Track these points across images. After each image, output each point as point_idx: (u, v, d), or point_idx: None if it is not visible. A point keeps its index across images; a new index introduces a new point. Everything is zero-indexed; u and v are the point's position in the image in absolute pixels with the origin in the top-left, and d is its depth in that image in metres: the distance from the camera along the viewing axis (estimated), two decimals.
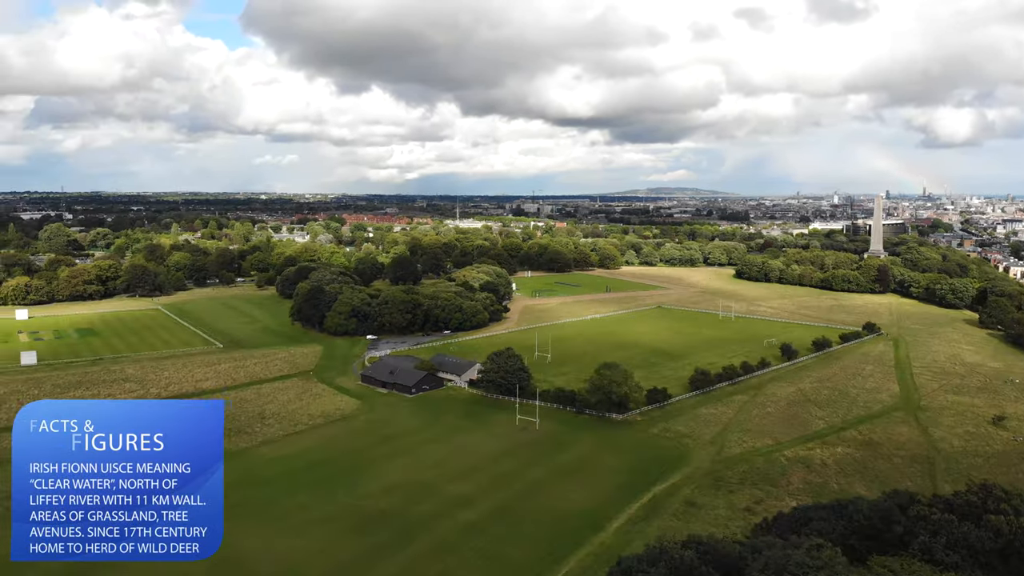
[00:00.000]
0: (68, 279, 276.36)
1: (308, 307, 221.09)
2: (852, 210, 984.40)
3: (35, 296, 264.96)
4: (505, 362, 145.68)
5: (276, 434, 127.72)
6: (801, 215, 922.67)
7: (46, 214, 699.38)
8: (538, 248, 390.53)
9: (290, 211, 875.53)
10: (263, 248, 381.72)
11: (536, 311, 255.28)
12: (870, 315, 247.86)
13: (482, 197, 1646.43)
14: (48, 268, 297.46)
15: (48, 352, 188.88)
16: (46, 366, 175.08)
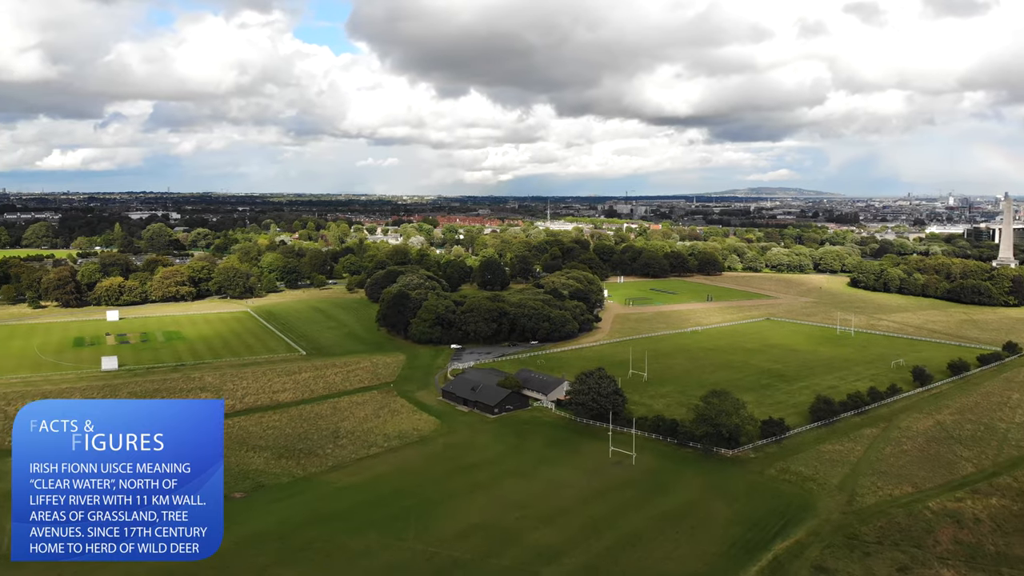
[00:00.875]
0: (161, 280, 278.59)
1: (393, 313, 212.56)
2: (971, 213, 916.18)
3: (128, 297, 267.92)
4: (597, 383, 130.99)
5: (348, 457, 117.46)
6: (914, 218, 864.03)
7: (152, 214, 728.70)
8: (632, 252, 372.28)
9: (387, 213, 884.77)
10: (356, 250, 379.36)
11: (630, 321, 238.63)
12: (1007, 332, 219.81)
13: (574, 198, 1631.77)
14: (145, 268, 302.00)
15: (131, 357, 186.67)
16: (126, 372, 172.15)
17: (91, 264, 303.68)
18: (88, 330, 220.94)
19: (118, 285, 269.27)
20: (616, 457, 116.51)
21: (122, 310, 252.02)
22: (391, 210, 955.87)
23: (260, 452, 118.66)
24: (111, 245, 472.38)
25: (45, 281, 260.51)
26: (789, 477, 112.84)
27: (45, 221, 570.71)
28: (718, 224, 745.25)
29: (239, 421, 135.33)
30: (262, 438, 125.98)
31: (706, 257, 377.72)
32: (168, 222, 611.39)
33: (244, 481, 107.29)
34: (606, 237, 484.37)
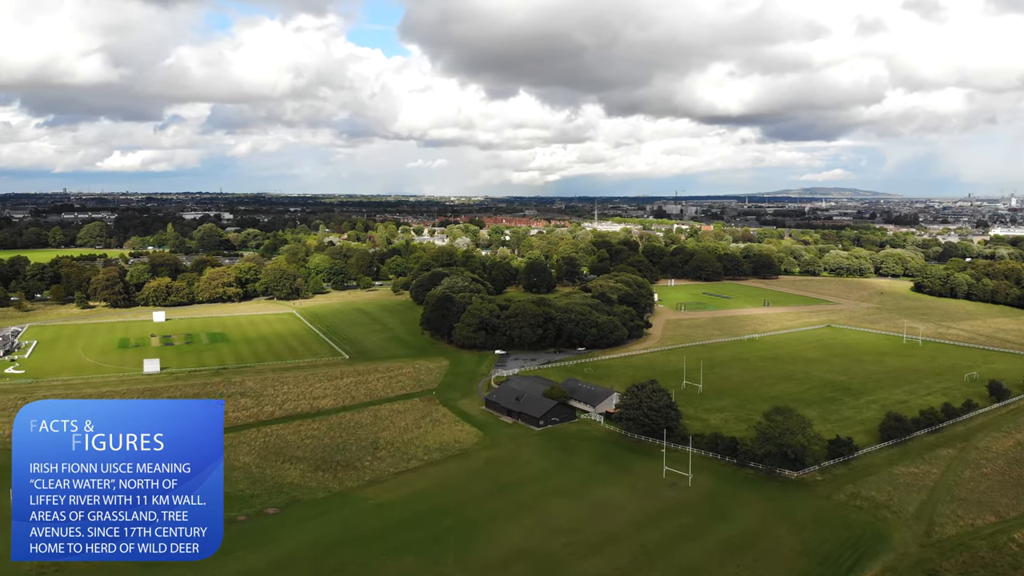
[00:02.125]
0: (208, 281, 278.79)
1: (437, 317, 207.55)
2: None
3: (175, 298, 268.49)
4: (649, 397, 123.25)
5: (386, 471, 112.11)
6: (976, 219, 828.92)
7: (205, 214, 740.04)
8: (683, 254, 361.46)
9: (434, 213, 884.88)
10: (402, 251, 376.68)
11: (682, 328, 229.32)
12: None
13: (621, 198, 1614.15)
14: (193, 269, 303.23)
15: (174, 359, 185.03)
16: (168, 375, 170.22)
17: (140, 264, 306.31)
18: (134, 331, 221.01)
19: (166, 286, 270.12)
20: (670, 478, 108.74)
21: (169, 311, 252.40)
22: (438, 211, 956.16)
23: (296, 464, 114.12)
24: (163, 245, 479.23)
25: (94, 281, 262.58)
26: (860, 503, 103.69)
27: (100, 221, 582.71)
28: (772, 225, 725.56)
29: (277, 429, 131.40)
30: (299, 448, 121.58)
31: (761, 260, 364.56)
32: (220, 222, 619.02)
33: (278, 495, 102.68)
34: (655, 238, 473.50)
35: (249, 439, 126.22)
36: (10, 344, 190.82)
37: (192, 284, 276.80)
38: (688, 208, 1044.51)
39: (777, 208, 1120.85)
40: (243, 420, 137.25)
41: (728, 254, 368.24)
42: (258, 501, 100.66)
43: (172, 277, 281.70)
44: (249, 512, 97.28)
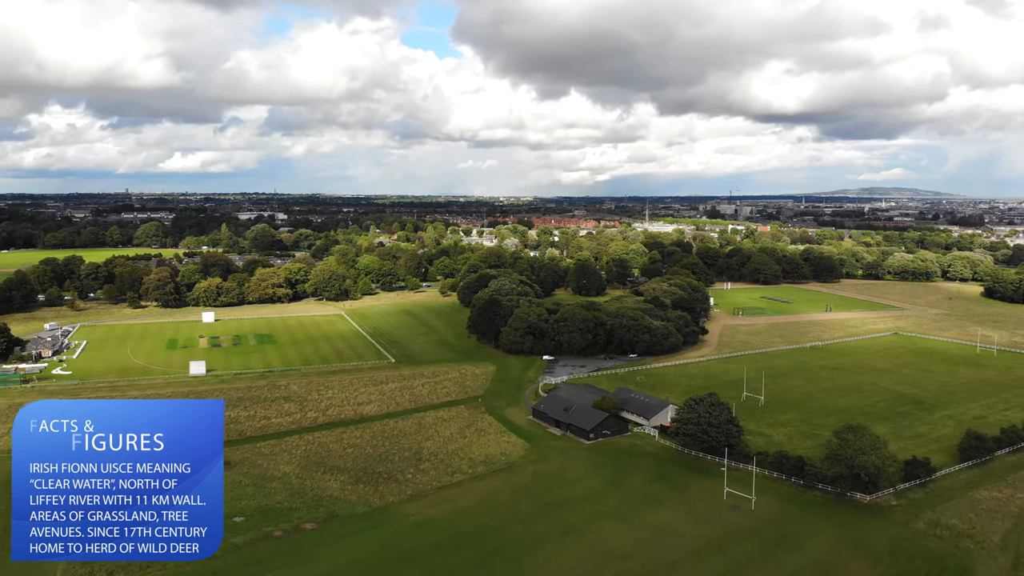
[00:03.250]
0: (258, 282, 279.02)
1: (483, 320, 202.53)
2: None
3: (225, 298, 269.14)
4: (708, 412, 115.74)
5: (429, 484, 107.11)
6: None
7: (259, 214, 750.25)
8: (740, 256, 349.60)
9: (483, 214, 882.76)
10: (450, 252, 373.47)
11: (740, 334, 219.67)
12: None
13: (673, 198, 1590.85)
14: (244, 269, 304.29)
15: (220, 361, 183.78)
16: (213, 377, 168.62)
17: (192, 264, 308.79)
18: (183, 332, 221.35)
19: (216, 286, 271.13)
20: (732, 500, 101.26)
21: (219, 311, 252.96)
22: (487, 211, 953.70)
23: (337, 475, 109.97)
24: (217, 245, 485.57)
25: (146, 282, 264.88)
26: (940, 532, 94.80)
27: (157, 221, 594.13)
28: (830, 226, 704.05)
29: (319, 437, 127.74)
30: (341, 457, 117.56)
31: (822, 262, 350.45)
32: (273, 223, 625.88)
33: (317, 509, 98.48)
34: (709, 239, 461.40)
35: (291, 447, 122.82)
36: (59, 344, 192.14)
37: (242, 285, 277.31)
38: (742, 208, 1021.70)
39: (835, 208, 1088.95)
40: (286, 426, 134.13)
41: (787, 256, 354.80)
42: (296, 515, 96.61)
43: (223, 277, 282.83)
44: (286, 527, 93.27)
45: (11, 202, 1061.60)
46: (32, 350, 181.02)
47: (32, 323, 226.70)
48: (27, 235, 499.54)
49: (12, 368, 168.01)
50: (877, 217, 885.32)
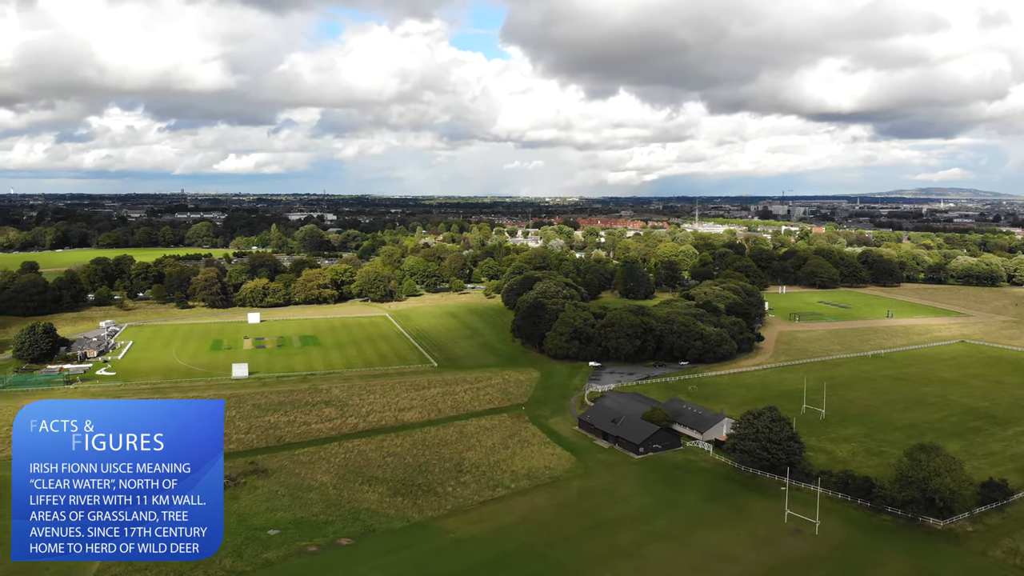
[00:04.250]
0: (304, 283, 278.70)
1: (528, 324, 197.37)
2: None
3: (272, 299, 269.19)
4: (768, 427, 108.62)
5: (470, 498, 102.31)
6: None
7: (309, 215, 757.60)
8: (795, 259, 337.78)
9: (529, 214, 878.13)
10: (495, 253, 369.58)
11: (798, 341, 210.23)
12: None
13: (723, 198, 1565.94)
14: (292, 270, 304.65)
15: (264, 363, 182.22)
16: (255, 380, 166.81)
17: (240, 265, 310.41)
18: (228, 333, 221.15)
19: (263, 287, 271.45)
20: (793, 523, 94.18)
21: (264, 312, 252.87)
22: (533, 212, 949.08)
23: (376, 486, 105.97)
24: (266, 245, 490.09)
25: (194, 282, 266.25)
26: (1020, 562, 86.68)
27: (208, 221, 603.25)
28: (887, 227, 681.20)
29: (359, 445, 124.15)
30: (380, 467, 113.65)
31: (881, 265, 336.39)
32: (322, 224, 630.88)
33: (354, 524, 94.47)
34: (762, 241, 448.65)
35: (330, 455, 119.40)
36: (105, 344, 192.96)
37: (289, 286, 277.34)
38: (795, 209, 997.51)
39: (891, 209, 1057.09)
40: (326, 433, 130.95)
41: (844, 259, 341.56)
42: (331, 529, 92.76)
43: (270, 278, 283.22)
44: (321, 542, 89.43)
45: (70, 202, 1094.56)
46: (77, 350, 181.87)
47: (81, 323, 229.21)
48: (82, 234, 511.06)
49: (56, 368, 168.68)
50: (936, 219, 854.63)
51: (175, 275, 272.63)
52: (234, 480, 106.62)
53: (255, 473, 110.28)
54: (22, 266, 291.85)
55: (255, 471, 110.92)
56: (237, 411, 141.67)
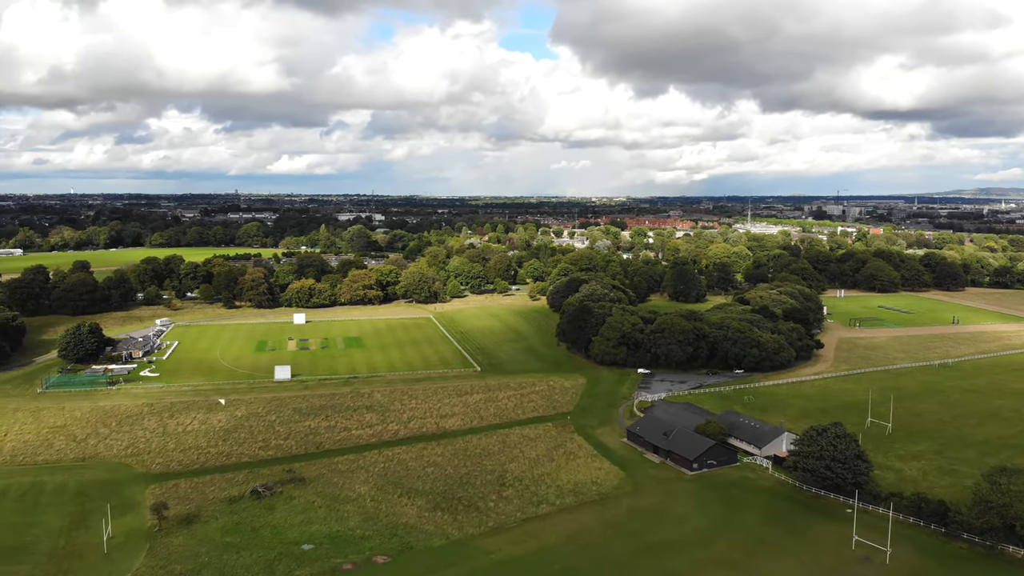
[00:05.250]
0: (350, 283, 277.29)
1: (573, 328, 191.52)
2: None
3: (318, 299, 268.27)
4: (832, 444, 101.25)
5: (512, 515, 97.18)
6: None
7: (357, 215, 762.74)
8: (853, 261, 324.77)
9: (575, 214, 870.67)
10: (540, 255, 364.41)
11: (858, 348, 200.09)
12: None
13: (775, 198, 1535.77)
14: (339, 271, 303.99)
15: (306, 365, 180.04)
16: (298, 383, 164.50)
17: (288, 265, 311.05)
18: (273, 333, 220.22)
19: (309, 287, 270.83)
20: (862, 550, 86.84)
21: (310, 312, 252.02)
22: (579, 212, 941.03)
23: (415, 499, 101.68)
24: (315, 245, 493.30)
25: (241, 282, 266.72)
26: None
27: (259, 221, 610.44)
28: (947, 228, 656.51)
29: (399, 453, 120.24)
30: (420, 478, 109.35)
31: (944, 268, 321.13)
32: (371, 224, 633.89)
33: (391, 540, 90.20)
34: (818, 242, 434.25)
35: (369, 463, 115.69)
36: (151, 345, 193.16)
37: (335, 286, 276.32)
38: (851, 209, 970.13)
39: (951, 210, 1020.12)
40: (366, 439, 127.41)
41: (905, 261, 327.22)
42: (368, 545, 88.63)
43: (317, 278, 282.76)
44: (357, 559, 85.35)
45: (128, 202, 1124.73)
46: (123, 350, 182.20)
47: (129, 322, 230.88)
48: (135, 234, 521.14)
49: (101, 369, 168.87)
50: (998, 220, 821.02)
51: (223, 275, 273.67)
52: (270, 490, 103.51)
53: (292, 482, 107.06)
54: (74, 265, 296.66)
55: (292, 480, 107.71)
56: (277, 415, 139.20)
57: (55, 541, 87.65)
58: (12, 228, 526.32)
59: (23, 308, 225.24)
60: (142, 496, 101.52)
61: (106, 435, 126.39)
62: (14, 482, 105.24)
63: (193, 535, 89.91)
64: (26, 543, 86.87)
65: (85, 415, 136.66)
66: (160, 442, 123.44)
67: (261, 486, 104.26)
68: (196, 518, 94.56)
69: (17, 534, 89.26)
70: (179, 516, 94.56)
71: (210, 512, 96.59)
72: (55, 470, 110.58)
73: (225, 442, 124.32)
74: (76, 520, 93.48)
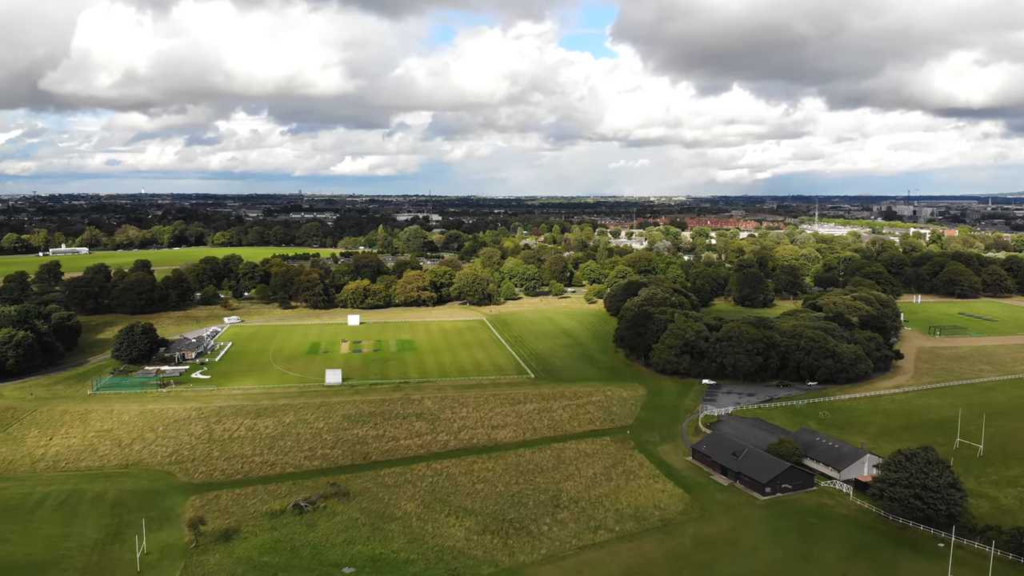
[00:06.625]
0: (404, 284, 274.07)
1: (632, 335, 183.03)
2: None
3: (372, 300, 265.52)
4: (923, 471, 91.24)
5: (567, 541, 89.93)
6: None
7: (415, 216, 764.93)
8: (931, 265, 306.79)
9: (633, 215, 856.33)
10: (597, 256, 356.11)
11: (940, 360, 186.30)
12: None
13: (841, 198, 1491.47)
14: (394, 271, 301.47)
15: (358, 369, 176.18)
16: (348, 387, 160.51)
17: (344, 265, 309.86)
18: (327, 335, 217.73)
19: (363, 288, 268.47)
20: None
21: (364, 313, 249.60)
22: (637, 212, 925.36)
23: (463, 519, 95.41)
24: (372, 245, 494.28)
25: (296, 283, 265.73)
26: None
27: (319, 221, 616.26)
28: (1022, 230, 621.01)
29: (448, 466, 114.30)
30: (469, 496, 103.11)
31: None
32: (427, 224, 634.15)
33: (437, 565, 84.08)
34: (890, 244, 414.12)
35: (416, 476, 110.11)
36: (204, 346, 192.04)
37: (389, 287, 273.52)
38: (922, 209, 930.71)
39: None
40: (414, 450, 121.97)
41: (986, 265, 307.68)
42: (412, 571, 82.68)
43: (372, 279, 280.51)
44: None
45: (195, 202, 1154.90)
46: (176, 351, 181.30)
47: (185, 322, 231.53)
48: (198, 233, 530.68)
49: (154, 370, 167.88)
50: None
51: (280, 275, 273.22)
52: (313, 504, 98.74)
53: (336, 496, 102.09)
54: (135, 264, 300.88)
55: (336, 494, 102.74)
56: (326, 422, 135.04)
57: (88, 556, 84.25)
58: (80, 227, 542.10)
59: (82, 307, 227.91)
60: (182, 508, 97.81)
61: (151, 440, 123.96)
62: (54, 489, 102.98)
63: (230, 553, 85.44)
64: (59, 557, 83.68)
65: (133, 418, 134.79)
66: (205, 449, 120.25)
67: (304, 500, 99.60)
68: (235, 534, 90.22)
69: (51, 547, 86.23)
70: (217, 531, 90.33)
71: (250, 527, 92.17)
72: (96, 477, 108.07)
73: (271, 450, 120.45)
74: (112, 533, 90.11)
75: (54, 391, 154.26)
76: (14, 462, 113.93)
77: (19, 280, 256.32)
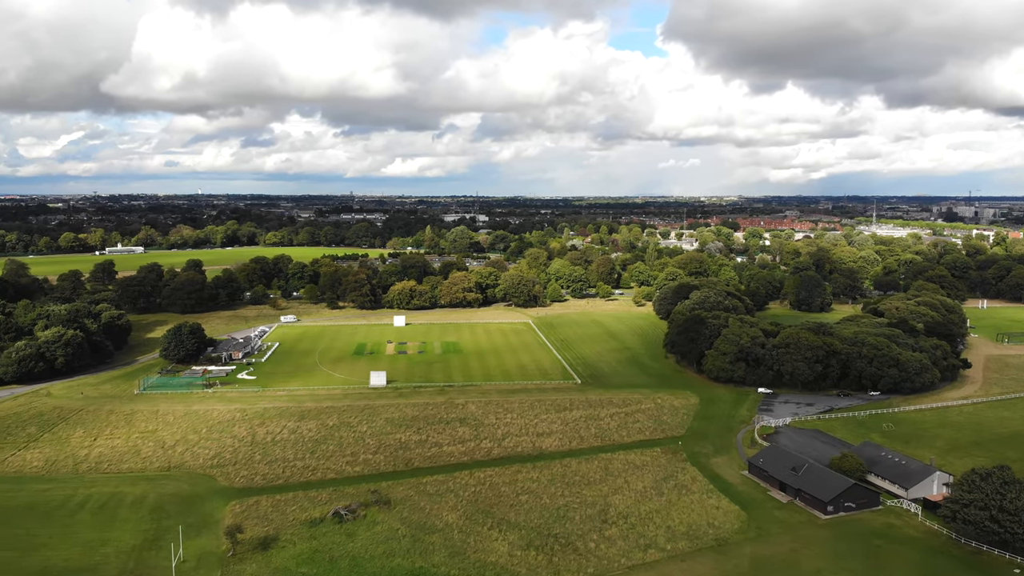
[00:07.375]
0: (450, 286, 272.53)
1: (684, 339, 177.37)
2: None
3: (418, 301, 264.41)
4: (999, 491, 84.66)
5: (615, 560, 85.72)
6: None
7: (462, 216, 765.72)
8: (997, 268, 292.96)
9: (683, 215, 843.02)
10: (646, 258, 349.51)
11: (1010, 369, 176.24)
12: None
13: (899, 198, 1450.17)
14: (440, 272, 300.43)
15: (403, 371, 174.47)
16: (392, 390, 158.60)
17: (392, 266, 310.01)
18: (373, 336, 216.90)
19: (410, 289, 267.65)
20: None
21: (410, 314, 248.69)
22: (687, 212, 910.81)
23: (506, 533, 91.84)
24: (420, 246, 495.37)
25: (344, 283, 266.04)
26: None
27: (368, 222, 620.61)
28: None
29: (491, 475, 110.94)
30: (513, 507, 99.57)
31: None
32: (474, 225, 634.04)
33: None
34: (952, 246, 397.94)
35: (459, 485, 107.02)
36: (251, 346, 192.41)
37: (435, 288, 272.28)
38: (984, 210, 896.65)
39: None
40: (457, 457, 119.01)
41: None
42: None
43: (419, 279, 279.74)
44: None
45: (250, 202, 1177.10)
46: (223, 351, 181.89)
47: (234, 321, 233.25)
48: (251, 233, 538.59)
49: (200, 370, 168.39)
50: None
51: (328, 275, 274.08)
52: (353, 512, 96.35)
53: (377, 504, 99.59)
54: (187, 263, 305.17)
55: (377, 502, 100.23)
56: (369, 426, 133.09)
57: (124, 562, 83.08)
58: (137, 226, 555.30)
59: (134, 305, 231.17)
60: (221, 514, 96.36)
61: (194, 442, 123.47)
62: (95, 492, 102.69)
63: (267, 562, 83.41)
64: (95, 564, 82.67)
65: (177, 419, 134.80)
66: (247, 452, 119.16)
67: (344, 508, 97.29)
68: (273, 542, 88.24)
69: (88, 553, 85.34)
70: (255, 539, 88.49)
71: (288, 536, 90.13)
72: (138, 480, 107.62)
73: (312, 455, 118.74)
74: (150, 539, 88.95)
75: (102, 390, 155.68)
76: (57, 463, 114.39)
77: (73, 279, 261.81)
